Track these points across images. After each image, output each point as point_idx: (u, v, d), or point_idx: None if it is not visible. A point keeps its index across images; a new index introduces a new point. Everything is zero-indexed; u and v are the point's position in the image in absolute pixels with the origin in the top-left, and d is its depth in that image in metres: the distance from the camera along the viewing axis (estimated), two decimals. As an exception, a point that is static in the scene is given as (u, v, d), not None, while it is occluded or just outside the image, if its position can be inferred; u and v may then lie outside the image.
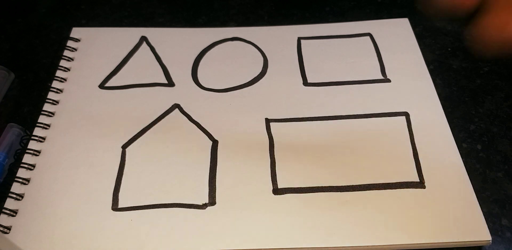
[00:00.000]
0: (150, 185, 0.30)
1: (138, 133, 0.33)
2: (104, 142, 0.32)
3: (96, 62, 0.37)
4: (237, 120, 0.33)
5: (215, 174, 0.30)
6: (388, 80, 0.36)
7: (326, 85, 0.35)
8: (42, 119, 0.33)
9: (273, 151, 0.31)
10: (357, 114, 0.33)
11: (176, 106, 0.34)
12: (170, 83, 0.36)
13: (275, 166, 0.30)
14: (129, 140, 0.32)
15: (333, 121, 0.33)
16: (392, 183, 0.29)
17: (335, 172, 0.30)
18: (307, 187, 0.29)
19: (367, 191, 0.29)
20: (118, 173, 0.30)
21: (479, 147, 0.32)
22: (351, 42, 0.39)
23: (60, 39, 0.39)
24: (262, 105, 0.34)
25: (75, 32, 0.39)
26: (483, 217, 0.28)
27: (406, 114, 0.33)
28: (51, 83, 0.35)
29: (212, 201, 0.29)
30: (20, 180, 0.30)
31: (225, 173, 0.30)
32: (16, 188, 0.29)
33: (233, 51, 0.38)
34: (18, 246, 0.26)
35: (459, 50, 0.39)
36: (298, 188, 0.29)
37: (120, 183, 0.30)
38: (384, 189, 0.29)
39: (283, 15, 0.42)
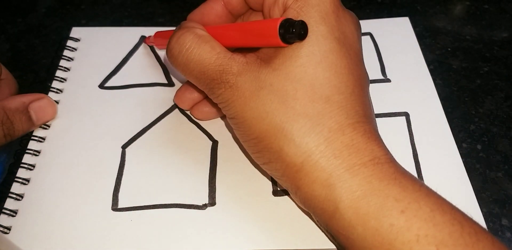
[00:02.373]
0: (150, 185, 0.30)
1: (138, 133, 0.32)
2: (104, 142, 0.32)
3: (96, 62, 0.37)
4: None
5: (215, 175, 0.30)
6: (388, 80, 0.36)
7: (326, 85, 0.35)
8: (42, 119, 0.33)
9: (273, 151, 0.31)
10: (357, 115, 0.33)
11: (176, 106, 0.34)
12: (170, 83, 0.36)
13: (275, 166, 0.30)
14: (129, 140, 0.32)
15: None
16: (392, 183, 0.29)
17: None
18: (307, 187, 0.29)
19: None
20: (118, 173, 0.30)
21: (479, 147, 0.32)
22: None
23: (60, 39, 0.39)
24: (262, 105, 0.34)
25: (75, 32, 0.39)
26: (482, 217, 0.28)
27: (406, 115, 0.33)
28: (51, 83, 0.35)
29: (212, 202, 0.29)
30: (20, 180, 0.30)
31: (225, 174, 0.30)
32: (16, 188, 0.29)
33: (233, 51, 0.38)
34: (18, 246, 0.26)
35: (459, 50, 0.39)
36: (298, 188, 0.29)
37: (120, 183, 0.30)
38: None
39: (283, 15, 0.42)
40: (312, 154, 0.22)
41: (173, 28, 0.30)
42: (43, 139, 0.32)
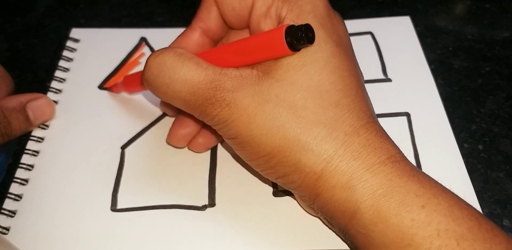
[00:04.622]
0: (149, 186, 0.30)
1: (137, 133, 0.32)
2: (103, 143, 0.32)
3: (96, 63, 0.37)
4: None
5: (215, 175, 0.30)
6: (389, 80, 0.35)
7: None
8: (40, 119, 0.33)
9: (273, 151, 0.31)
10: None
11: (176, 106, 0.34)
12: (170, 83, 0.36)
13: (275, 167, 0.30)
14: (128, 141, 0.32)
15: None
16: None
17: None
18: (307, 188, 0.29)
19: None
20: (117, 173, 0.30)
21: (480, 147, 0.32)
22: (352, 40, 0.38)
23: (59, 38, 0.39)
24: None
25: (75, 33, 0.39)
26: (484, 218, 0.28)
27: (407, 115, 0.33)
28: (50, 83, 0.35)
29: (211, 203, 0.29)
30: (19, 181, 0.30)
31: (225, 175, 0.30)
32: (14, 188, 0.29)
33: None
34: (16, 247, 0.26)
35: (460, 49, 0.39)
36: (298, 188, 0.29)
37: (119, 183, 0.30)
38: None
39: (283, 14, 0.42)
40: (331, 159, 0.22)
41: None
42: (42, 139, 0.32)
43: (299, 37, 0.22)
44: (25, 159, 0.31)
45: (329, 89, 0.23)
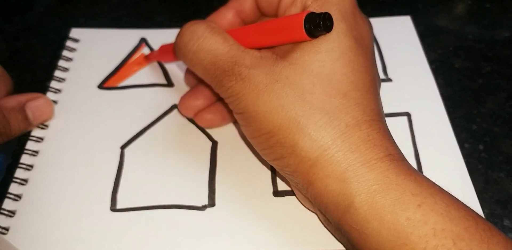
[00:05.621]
0: (149, 186, 0.29)
1: (137, 133, 0.32)
2: (103, 143, 0.32)
3: (95, 63, 0.37)
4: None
5: (215, 175, 0.30)
6: (390, 80, 0.35)
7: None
8: (40, 119, 0.33)
9: (273, 151, 0.31)
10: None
11: (176, 106, 0.34)
12: (169, 84, 0.36)
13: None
14: (128, 141, 0.32)
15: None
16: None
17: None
18: (307, 188, 0.29)
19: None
20: (116, 173, 0.30)
21: (481, 147, 0.32)
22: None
23: (59, 38, 0.39)
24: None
25: (75, 33, 0.39)
26: (484, 218, 0.27)
27: (408, 115, 0.33)
28: (49, 83, 0.35)
29: (211, 203, 0.29)
30: (18, 181, 0.30)
31: (224, 174, 0.30)
32: (14, 188, 0.29)
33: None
34: (16, 247, 0.26)
35: (461, 49, 0.39)
36: (298, 189, 0.29)
37: (119, 183, 0.30)
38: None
39: (284, 14, 0.42)
40: (328, 148, 0.22)
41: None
42: (41, 139, 0.32)
43: (316, 23, 0.22)
44: (25, 159, 0.31)
45: (340, 79, 0.23)
